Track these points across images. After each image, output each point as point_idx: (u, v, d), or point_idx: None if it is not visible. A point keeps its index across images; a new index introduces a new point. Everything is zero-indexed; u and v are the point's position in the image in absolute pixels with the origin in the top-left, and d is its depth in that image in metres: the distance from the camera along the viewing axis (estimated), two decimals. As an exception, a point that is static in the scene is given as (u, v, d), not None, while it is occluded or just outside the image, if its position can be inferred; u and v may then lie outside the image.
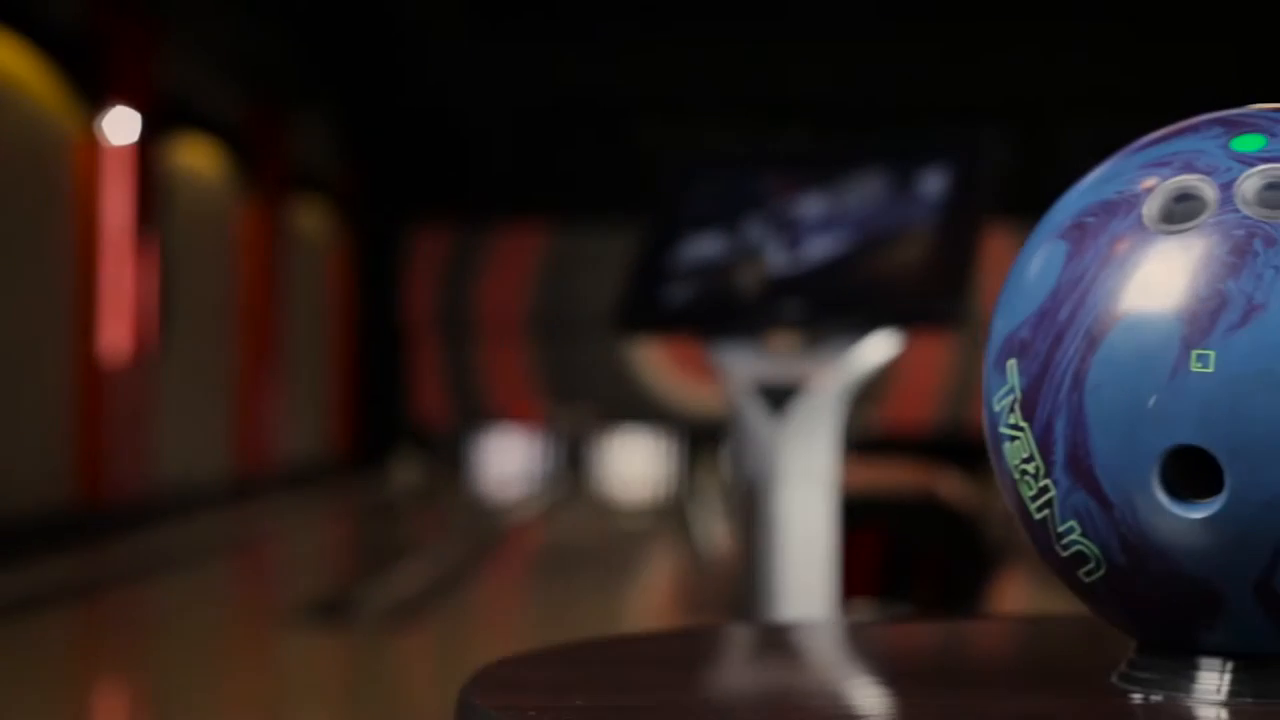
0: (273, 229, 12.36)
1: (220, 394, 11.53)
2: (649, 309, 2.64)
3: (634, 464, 14.50)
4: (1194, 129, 0.96)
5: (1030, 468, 0.94)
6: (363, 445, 14.47)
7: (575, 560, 8.49)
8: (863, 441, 8.51)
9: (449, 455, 14.55)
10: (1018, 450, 0.95)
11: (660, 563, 8.98)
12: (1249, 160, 0.92)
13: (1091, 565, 0.94)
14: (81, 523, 8.44)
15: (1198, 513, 0.89)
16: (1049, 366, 0.93)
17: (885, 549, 4.10)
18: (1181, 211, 0.92)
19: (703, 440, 13.41)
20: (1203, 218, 0.91)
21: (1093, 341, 0.91)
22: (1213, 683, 0.94)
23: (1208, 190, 0.92)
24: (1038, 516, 0.95)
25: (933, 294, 2.47)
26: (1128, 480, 0.90)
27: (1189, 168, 0.93)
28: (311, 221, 13.78)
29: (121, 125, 9.04)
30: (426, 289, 14.77)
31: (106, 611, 6.49)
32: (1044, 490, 0.94)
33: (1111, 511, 0.91)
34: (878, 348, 2.53)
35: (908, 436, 13.50)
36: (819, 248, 2.54)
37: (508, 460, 14.63)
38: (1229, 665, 0.94)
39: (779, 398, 2.52)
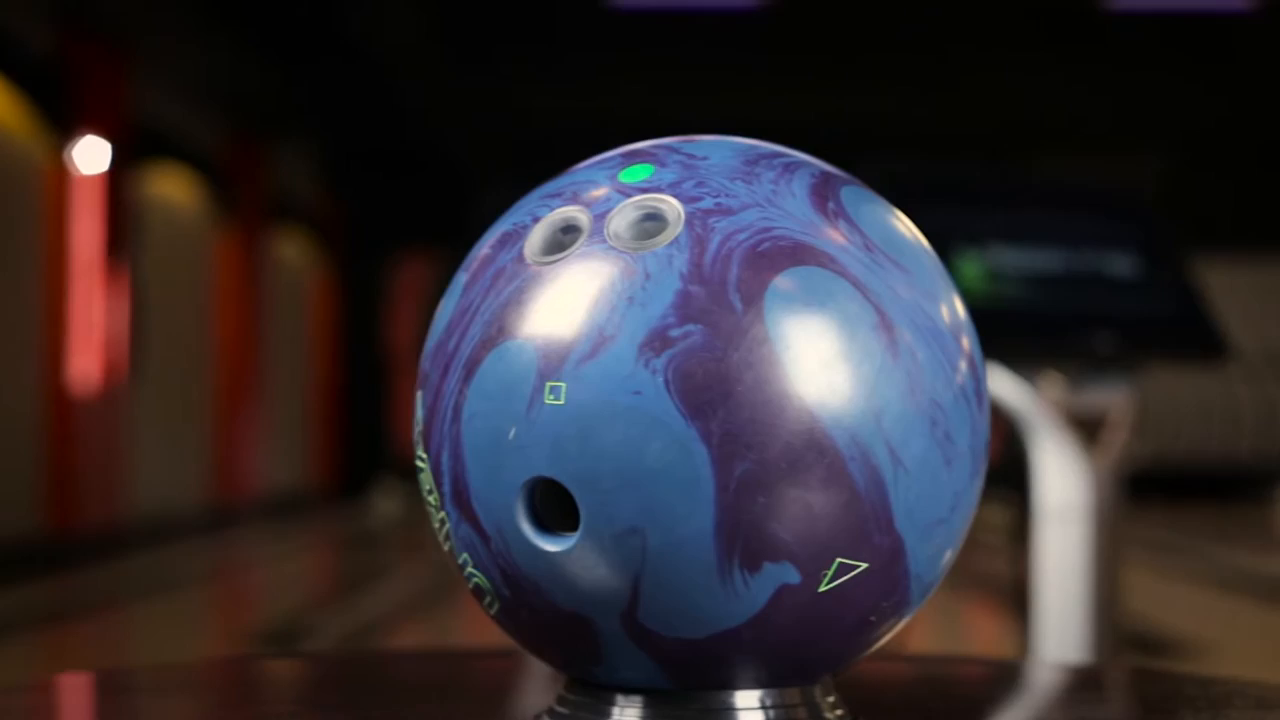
0: (251, 258, 12.38)
1: (198, 424, 11.54)
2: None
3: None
4: (602, 161, 0.96)
5: (432, 499, 0.94)
6: (344, 476, 14.47)
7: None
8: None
9: (431, 486, 14.52)
10: (424, 482, 0.95)
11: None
12: (628, 191, 0.92)
13: (489, 598, 0.93)
14: (50, 552, 8.44)
15: (557, 546, 0.88)
16: (439, 398, 0.92)
17: None
18: (563, 243, 0.92)
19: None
20: (572, 249, 0.90)
21: (469, 373, 0.90)
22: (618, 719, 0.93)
23: (584, 221, 0.91)
24: (445, 547, 0.95)
25: None
26: (498, 513, 0.89)
27: (575, 199, 0.93)
28: (291, 251, 13.80)
29: (92, 154, 9.07)
30: (408, 319, 14.78)
31: (74, 640, 6.49)
32: (443, 522, 0.94)
33: (490, 544, 0.90)
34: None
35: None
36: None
37: (489, 491, 14.58)
38: (632, 701, 0.93)
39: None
